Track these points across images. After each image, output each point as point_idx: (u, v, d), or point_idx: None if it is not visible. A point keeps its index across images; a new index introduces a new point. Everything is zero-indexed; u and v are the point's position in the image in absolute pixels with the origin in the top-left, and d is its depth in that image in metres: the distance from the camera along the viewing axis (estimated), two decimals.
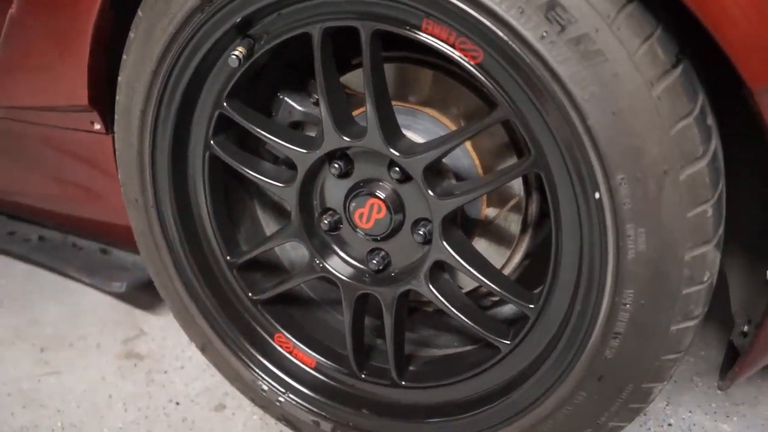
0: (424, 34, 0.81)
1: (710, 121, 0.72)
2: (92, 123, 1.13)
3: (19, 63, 1.14)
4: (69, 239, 1.52)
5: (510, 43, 0.72)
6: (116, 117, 1.04)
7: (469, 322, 0.95)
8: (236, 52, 0.91)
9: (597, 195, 0.74)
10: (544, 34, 0.70)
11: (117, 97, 1.02)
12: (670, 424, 1.20)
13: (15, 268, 1.68)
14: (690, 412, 1.22)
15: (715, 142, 0.72)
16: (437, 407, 1.03)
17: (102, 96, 1.09)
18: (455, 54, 0.80)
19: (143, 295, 1.51)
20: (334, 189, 1.02)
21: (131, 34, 0.96)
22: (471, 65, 0.79)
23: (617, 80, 0.68)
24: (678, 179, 0.70)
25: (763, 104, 0.65)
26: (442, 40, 0.80)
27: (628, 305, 0.78)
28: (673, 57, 0.68)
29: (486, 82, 0.79)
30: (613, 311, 0.79)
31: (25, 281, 1.64)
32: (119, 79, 1.00)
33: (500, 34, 0.72)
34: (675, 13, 0.68)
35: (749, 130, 0.74)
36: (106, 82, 1.07)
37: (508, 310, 1.13)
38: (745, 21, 0.62)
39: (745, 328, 0.91)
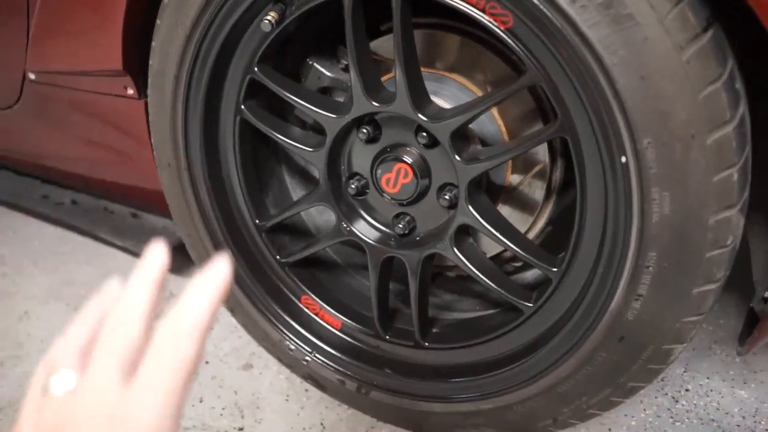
0: None
1: (738, 86, 0.72)
2: (125, 88, 1.16)
3: (55, 28, 1.16)
4: (101, 203, 1.57)
5: (541, 7, 0.73)
6: (149, 82, 1.06)
7: (494, 285, 0.98)
8: (269, 17, 0.92)
9: (623, 159, 0.75)
10: None
11: (150, 62, 1.04)
12: (687, 390, 1.22)
13: (47, 230, 1.73)
14: (708, 378, 1.24)
15: (743, 108, 0.73)
16: (460, 367, 1.06)
17: (135, 61, 1.11)
18: (485, 19, 0.81)
19: (173, 258, 1.55)
20: (361, 154, 1.04)
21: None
22: (501, 30, 0.80)
23: (647, 44, 0.69)
24: (705, 143, 0.71)
25: None
26: (472, 5, 0.81)
27: (651, 268, 0.79)
28: (703, 21, 0.69)
29: (515, 47, 0.80)
30: (635, 274, 0.81)
31: (57, 243, 1.69)
32: (153, 44, 1.03)
33: None
34: None
35: None
36: (139, 47, 1.09)
37: (530, 275, 1.15)
38: None
39: (766, 294, 0.92)
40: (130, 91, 1.15)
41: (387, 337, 1.11)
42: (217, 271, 0.39)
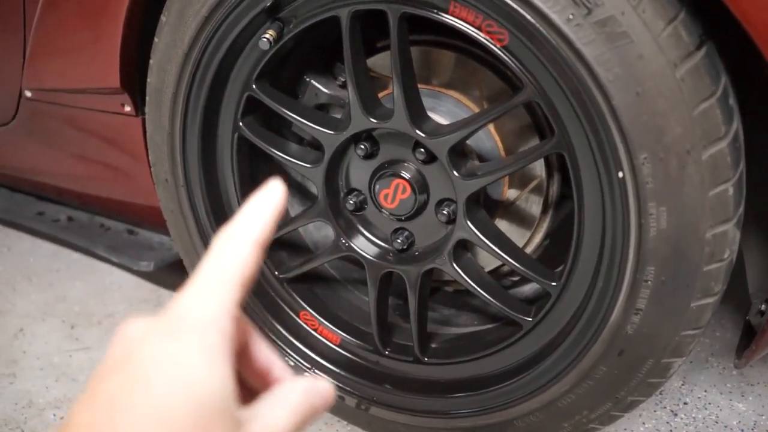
0: (450, 17, 0.83)
1: (732, 101, 0.73)
2: (123, 105, 1.16)
3: (51, 46, 1.16)
4: (96, 220, 1.56)
5: (537, 25, 0.74)
6: (147, 99, 1.07)
7: (493, 300, 0.98)
8: (267, 35, 0.93)
9: (620, 174, 0.76)
10: (571, 16, 0.71)
11: (148, 80, 1.05)
12: (685, 403, 1.22)
13: (42, 247, 1.72)
14: (705, 391, 1.24)
15: (737, 123, 0.74)
16: (459, 383, 1.06)
17: (133, 78, 1.12)
18: (481, 36, 0.82)
19: (169, 274, 1.54)
20: (359, 170, 1.04)
21: (163, 18, 0.99)
22: (497, 48, 0.81)
23: (642, 62, 0.70)
24: (700, 159, 0.72)
25: None
26: (468, 23, 0.82)
27: (649, 282, 0.80)
28: (696, 39, 0.70)
29: (511, 64, 0.81)
30: (634, 288, 0.81)
31: (51, 260, 1.68)
32: (151, 61, 1.03)
33: (527, 17, 0.74)
34: None
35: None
36: (136, 64, 1.10)
37: (528, 289, 1.15)
38: None
39: (763, 307, 0.93)
40: (128, 109, 1.16)
41: (386, 352, 1.11)
42: (271, 190, 0.41)
